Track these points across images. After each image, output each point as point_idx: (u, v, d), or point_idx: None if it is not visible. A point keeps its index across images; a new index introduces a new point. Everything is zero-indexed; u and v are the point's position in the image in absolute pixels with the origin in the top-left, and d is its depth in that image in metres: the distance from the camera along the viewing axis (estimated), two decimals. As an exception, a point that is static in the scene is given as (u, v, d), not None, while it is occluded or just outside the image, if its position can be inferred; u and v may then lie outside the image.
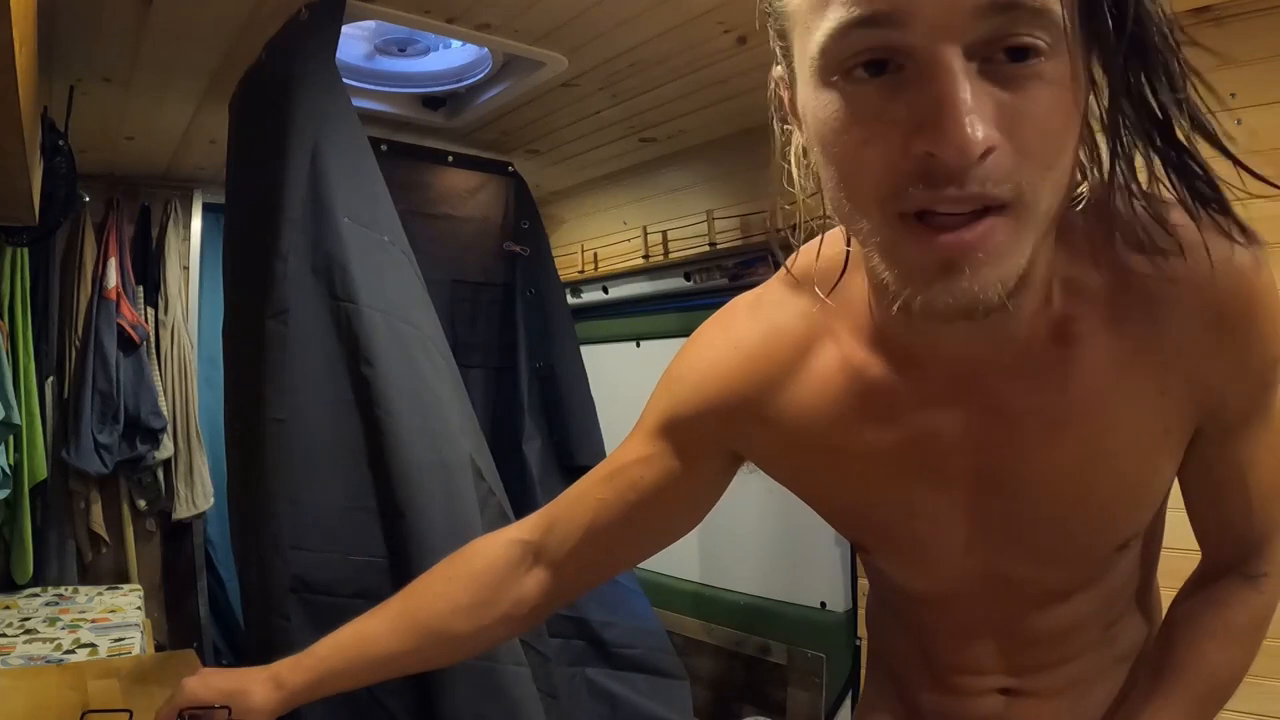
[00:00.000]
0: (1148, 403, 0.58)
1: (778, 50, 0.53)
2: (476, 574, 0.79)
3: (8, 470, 2.24)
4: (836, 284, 0.62)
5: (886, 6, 0.43)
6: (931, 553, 0.66)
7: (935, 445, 0.61)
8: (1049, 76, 0.44)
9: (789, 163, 0.59)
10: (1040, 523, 0.61)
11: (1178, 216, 0.52)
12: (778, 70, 0.55)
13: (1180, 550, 0.71)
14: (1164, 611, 0.73)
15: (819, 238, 0.64)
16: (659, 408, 0.74)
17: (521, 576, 0.79)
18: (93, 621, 2.14)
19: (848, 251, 0.61)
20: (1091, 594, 0.67)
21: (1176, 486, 0.66)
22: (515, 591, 0.78)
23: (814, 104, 0.48)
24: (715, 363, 0.70)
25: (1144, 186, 0.49)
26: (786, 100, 0.55)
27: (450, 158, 2.55)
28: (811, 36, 0.46)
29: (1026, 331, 0.57)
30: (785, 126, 0.58)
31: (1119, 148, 0.47)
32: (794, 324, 0.67)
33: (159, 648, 2.46)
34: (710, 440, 0.72)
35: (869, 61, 0.45)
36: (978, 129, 0.42)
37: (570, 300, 2.98)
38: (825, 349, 0.65)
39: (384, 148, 2.29)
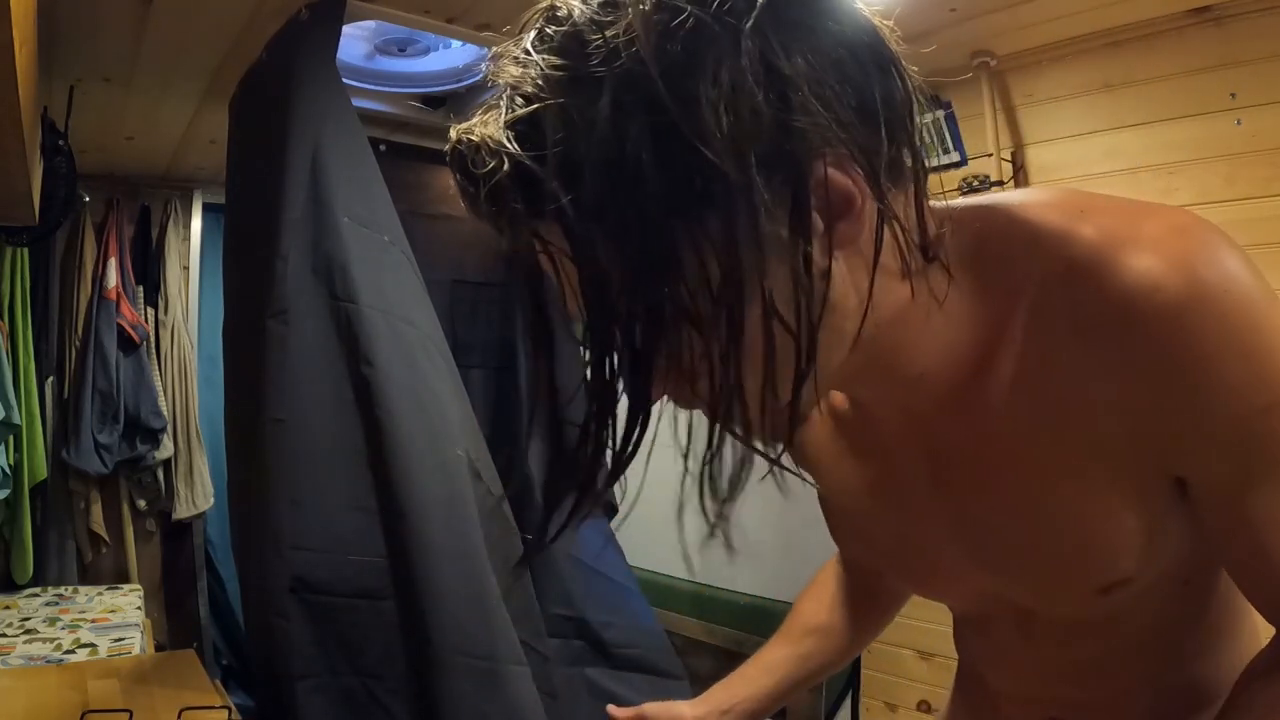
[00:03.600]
0: (1079, 454, 0.52)
1: None
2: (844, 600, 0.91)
3: (8, 470, 2.24)
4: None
5: None
6: (935, 576, 0.67)
7: (900, 481, 0.63)
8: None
9: None
10: (1003, 559, 0.60)
11: (1131, 261, 0.46)
12: None
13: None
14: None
15: None
16: None
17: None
18: (93, 621, 2.14)
19: None
20: (1106, 631, 0.62)
21: None
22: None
23: None
24: None
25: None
26: None
27: (450, 158, 2.55)
28: None
29: (948, 379, 0.55)
30: None
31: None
32: None
33: (159, 648, 2.46)
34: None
35: None
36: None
37: (570, 300, 2.98)
38: None
39: (384, 148, 2.29)
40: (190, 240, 2.89)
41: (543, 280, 0.46)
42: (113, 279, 2.64)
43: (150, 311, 2.76)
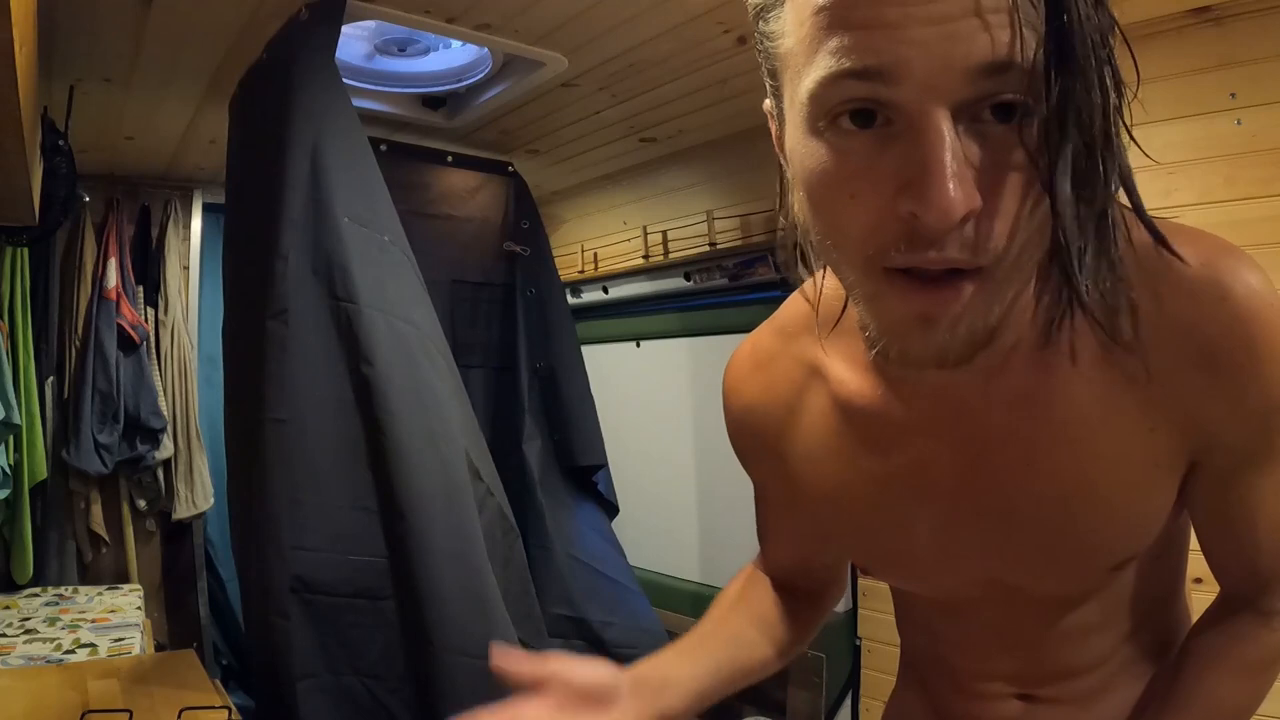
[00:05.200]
0: (1134, 437, 0.57)
1: (768, 86, 0.54)
2: (773, 598, 0.83)
3: (8, 470, 2.24)
4: (837, 324, 0.64)
5: (878, 62, 0.43)
6: (928, 569, 0.67)
7: (924, 471, 0.63)
8: (1030, 137, 0.44)
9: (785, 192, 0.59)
10: (1028, 544, 0.62)
11: (1180, 249, 0.51)
12: (768, 103, 0.55)
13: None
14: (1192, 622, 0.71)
15: (812, 279, 0.64)
16: None
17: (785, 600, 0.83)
18: (93, 621, 2.14)
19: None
20: (1099, 605, 0.67)
21: None
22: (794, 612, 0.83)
23: (801, 151, 0.49)
24: (738, 426, 0.76)
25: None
26: (774, 134, 0.56)
27: (450, 158, 2.55)
28: (801, 82, 0.47)
29: (1008, 360, 0.57)
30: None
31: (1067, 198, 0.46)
32: (789, 371, 0.71)
33: (159, 648, 2.46)
34: (773, 483, 0.77)
35: (857, 111, 0.45)
36: (960, 193, 0.42)
37: (570, 300, 2.98)
38: (817, 388, 0.69)
39: (384, 148, 2.29)
40: (190, 240, 2.89)
41: None
42: (113, 279, 2.63)
43: (150, 311, 2.76)
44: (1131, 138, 0.47)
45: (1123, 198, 0.48)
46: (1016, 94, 0.43)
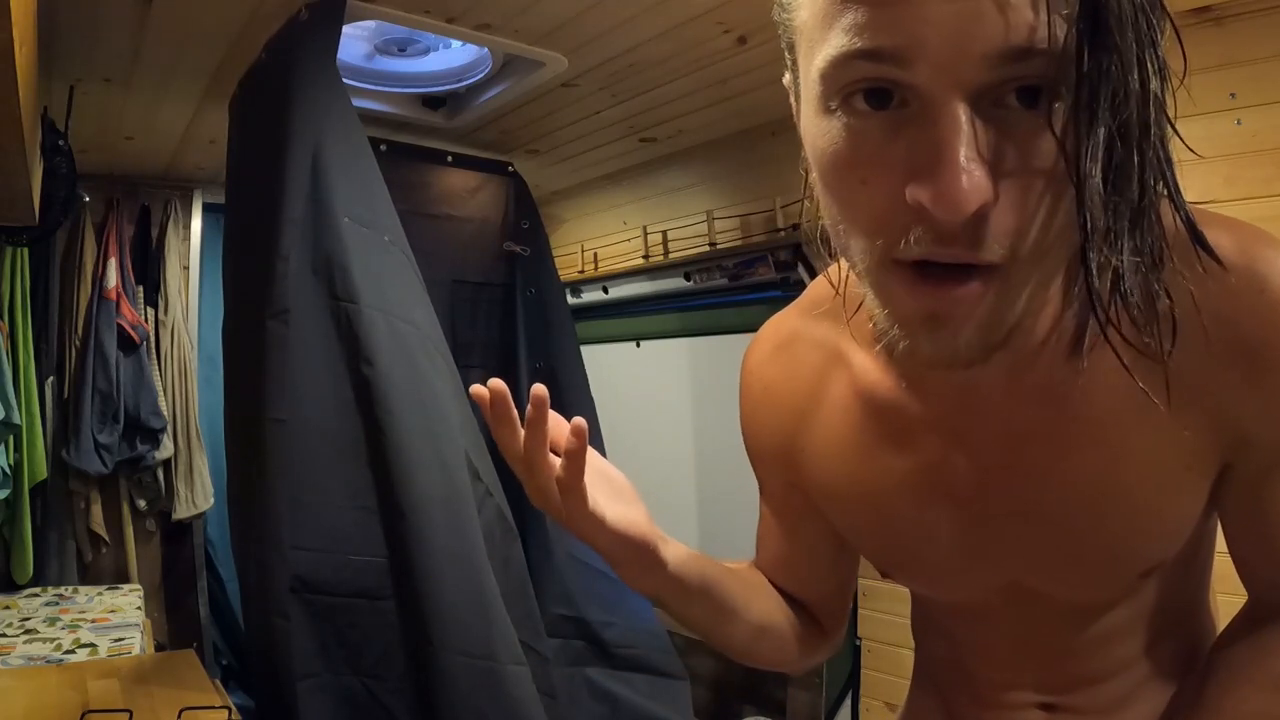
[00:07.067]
0: (1167, 436, 0.54)
1: (787, 59, 0.52)
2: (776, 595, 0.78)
3: (8, 470, 2.24)
4: (859, 308, 0.61)
5: (890, 42, 0.40)
6: (949, 572, 0.66)
7: (948, 467, 0.61)
8: (1059, 122, 0.41)
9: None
10: (1054, 547, 0.60)
11: (1216, 238, 0.49)
12: (787, 78, 0.53)
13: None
14: (1219, 628, 0.69)
15: (838, 263, 0.61)
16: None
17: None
18: (93, 621, 2.14)
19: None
20: (1125, 611, 0.64)
21: None
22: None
23: (813, 131, 0.47)
24: (755, 407, 0.73)
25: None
26: (794, 110, 0.54)
27: (450, 158, 2.55)
28: (813, 59, 0.44)
29: (1036, 357, 0.55)
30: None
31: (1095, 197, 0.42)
32: (811, 355, 0.68)
33: (159, 648, 2.46)
34: (783, 482, 0.74)
35: (872, 90, 0.43)
36: (972, 186, 0.40)
37: (570, 300, 2.98)
38: (840, 376, 0.66)
39: (384, 148, 2.29)
40: (190, 240, 2.89)
41: None
42: (113, 279, 2.64)
43: (150, 311, 2.76)
44: (1175, 130, 0.44)
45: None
46: (1042, 78, 0.40)
